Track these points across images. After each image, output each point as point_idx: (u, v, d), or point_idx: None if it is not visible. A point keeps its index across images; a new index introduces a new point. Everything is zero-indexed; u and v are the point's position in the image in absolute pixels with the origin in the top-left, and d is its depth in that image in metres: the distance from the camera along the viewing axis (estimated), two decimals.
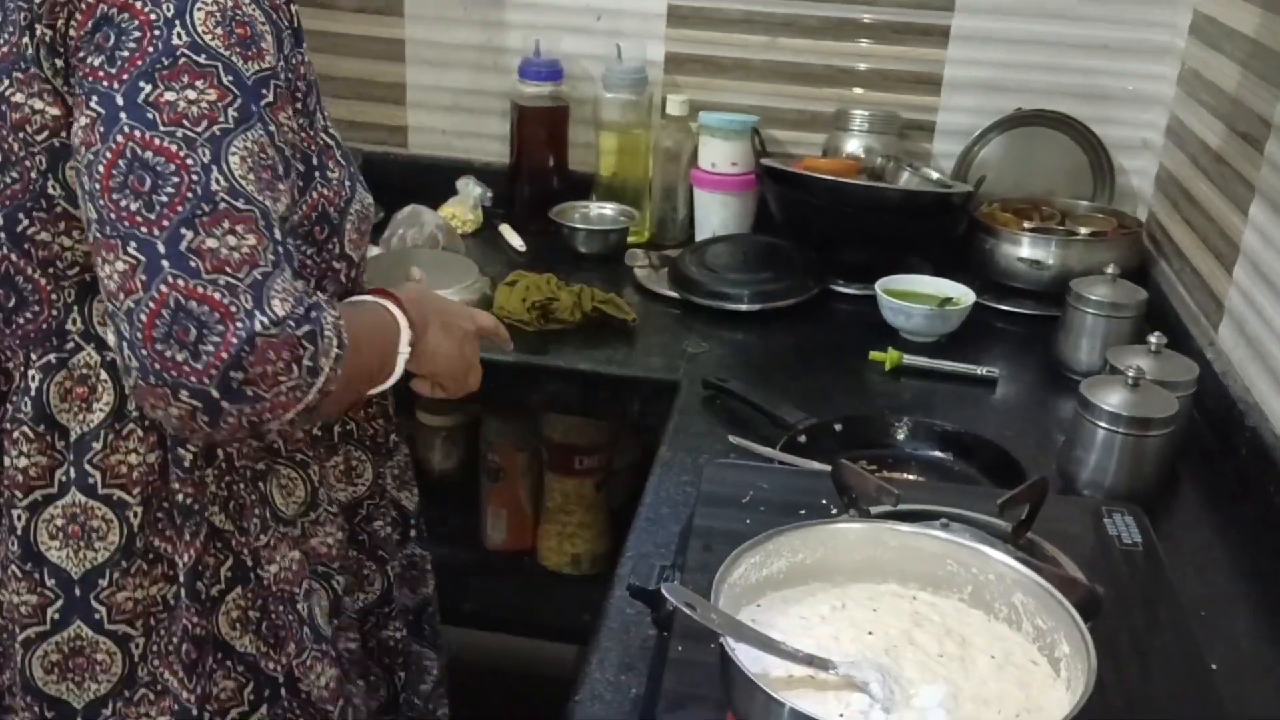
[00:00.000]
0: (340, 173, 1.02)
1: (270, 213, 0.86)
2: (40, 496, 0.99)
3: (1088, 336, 1.52)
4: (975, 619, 0.86)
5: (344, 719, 1.10)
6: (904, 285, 1.69)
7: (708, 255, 1.82)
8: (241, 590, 1.03)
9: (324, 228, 1.01)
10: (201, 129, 0.83)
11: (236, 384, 0.82)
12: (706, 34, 1.99)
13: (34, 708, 1.01)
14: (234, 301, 0.82)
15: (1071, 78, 1.90)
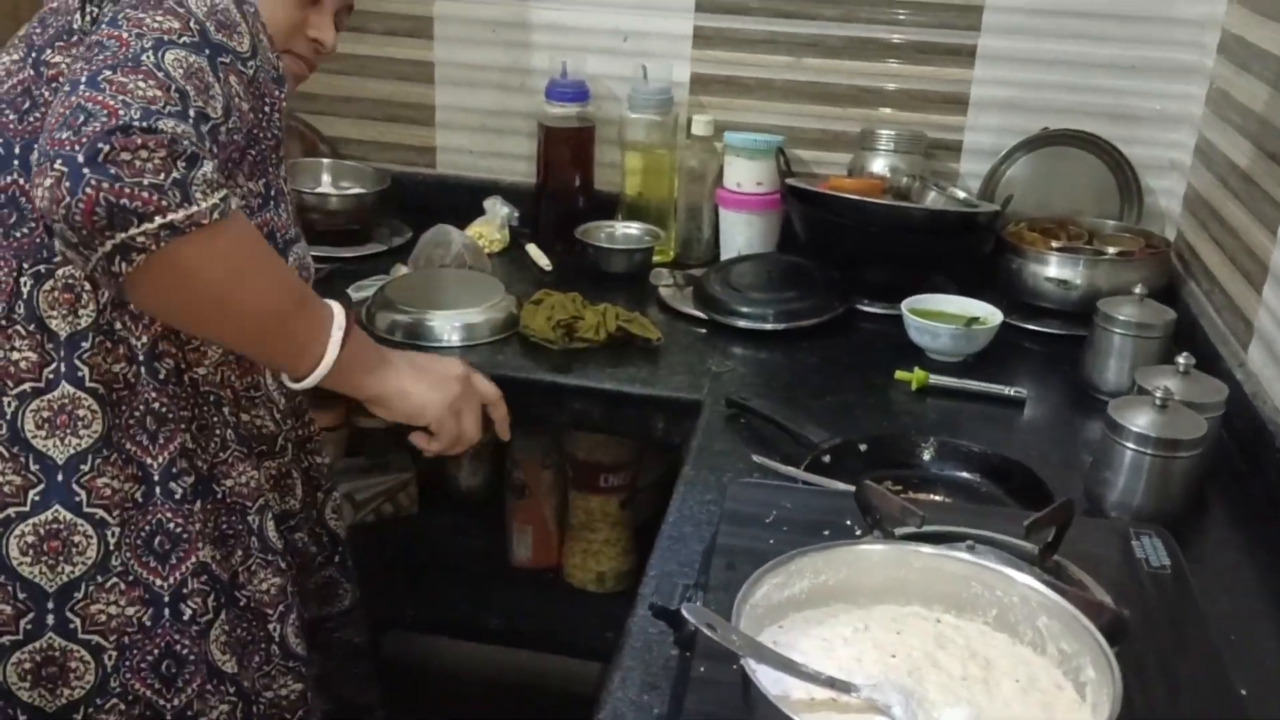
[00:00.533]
0: (289, 217, 1.16)
1: (188, 95, 0.95)
2: (30, 389, 1.05)
3: (1115, 357, 1.51)
4: (1000, 642, 0.85)
5: (282, 622, 1.20)
6: (930, 305, 1.68)
7: (732, 274, 1.82)
8: (203, 503, 1.12)
9: (273, 246, 1.13)
10: (153, 34, 0.97)
11: (100, 156, 0.88)
12: (731, 54, 2.00)
13: (7, 587, 1.04)
14: (124, 106, 0.90)
15: (1099, 97, 1.90)
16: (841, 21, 1.95)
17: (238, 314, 1.02)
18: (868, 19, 1.94)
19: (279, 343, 1.08)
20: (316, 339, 1.08)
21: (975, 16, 1.90)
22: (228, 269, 0.98)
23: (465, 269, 1.82)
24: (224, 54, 1.02)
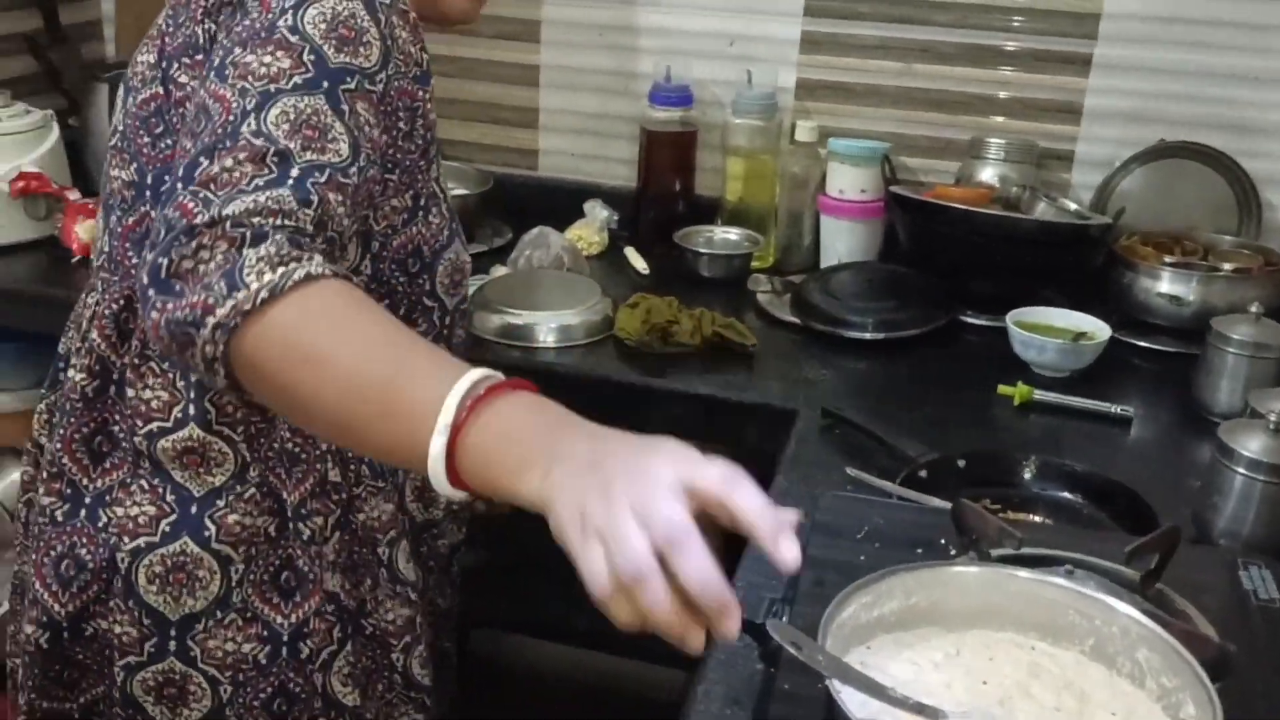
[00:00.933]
0: (441, 222, 1.12)
1: (290, 155, 0.86)
2: (156, 428, 1.07)
3: (1228, 377, 1.46)
4: (1096, 673, 0.83)
5: (408, 653, 1.18)
6: (1037, 318, 1.64)
7: (832, 282, 1.79)
8: (339, 536, 1.11)
9: (416, 261, 1.11)
10: (259, 84, 0.89)
11: (163, 272, 0.81)
12: (839, 60, 1.98)
13: (134, 612, 1.07)
14: (203, 204, 0.83)
15: (1218, 109, 1.83)
16: (953, 27, 1.91)
17: (310, 407, 0.81)
18: (981, 25, 1.90)
19: (368, 438, 0.82)
20: (415, 436, 0.75)
21: (1092, 24, 1.85)
22: (285, 358, 0.79)
23: (563, 271, 1.83)
24: (347, 78, 0.93)
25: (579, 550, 0.68)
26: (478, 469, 0.74)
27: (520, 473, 0.72)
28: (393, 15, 0.99)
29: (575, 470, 0.70)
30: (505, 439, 0.74)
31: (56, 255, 1.79)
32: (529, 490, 0.71)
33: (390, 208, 1.06)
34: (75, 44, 2.20)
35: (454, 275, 1.14)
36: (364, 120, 0.93)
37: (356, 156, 0.91)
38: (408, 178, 1.06)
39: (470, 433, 0.73)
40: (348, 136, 0.90)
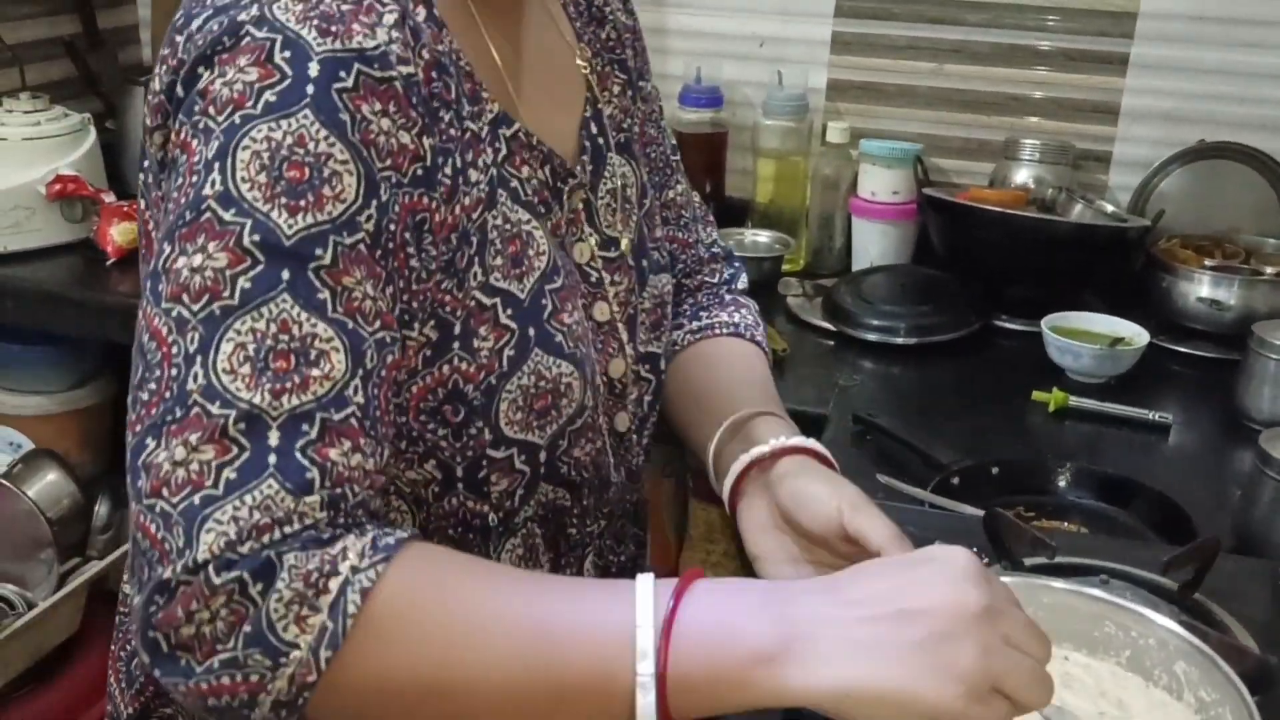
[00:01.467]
0: (502, 339, 0.79)
1: (258, 413, 0.63)
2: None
3: (1271, 384, 1.43)
4: (1133, 684, 0.81)
5: None
6: (1073, 323, 1.61)
7: (864, 285, 1.77)
8: None
9: (458, 408, 0.78)
10: (198, 308, 0.64)
11: (162, 648, 0.61)
12: (871, 60, 1.96)
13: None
14: (167, 536, 0.61)
15: (1260, 109, 1.80)
16: (987, 27, 1.89)
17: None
18: (1015, 24, 1.88)
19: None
20: (608, 696, 0.63)
21: (1129, 23, 1.82)
22: (394, 705, 0.64)
23: None
24: (317, 249, 0.66)
25: (937, 695, 0.60)
26: (696, 695, 0.62)
27: (758, 676, 0.62)
28: (362, 102, 0.67)
29: (860, 632, 0.62)
30: (720, 644, 0.63)
31: (92, 257, 1.80)
32: (788, 681, 0.62)
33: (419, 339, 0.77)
34: (112, 48, 2.22)
35: (534, 403, 0.80)
36: (359, 295, 0.67)
37: (359, 363, 0.66)
38: (423, 304, 0.75)
39: (679, 659, 0.62)
40: (339, 339, 0.65)
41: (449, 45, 0.76)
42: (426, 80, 0.72)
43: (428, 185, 0.72)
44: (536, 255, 0.80)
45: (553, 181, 0.84)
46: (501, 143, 0.79)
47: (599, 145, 0.91)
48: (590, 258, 0.89)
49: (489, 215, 0.77)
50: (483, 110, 0.78)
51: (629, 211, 0.93)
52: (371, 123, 0.68)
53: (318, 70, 0.66)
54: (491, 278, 0.78)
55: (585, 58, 0.94)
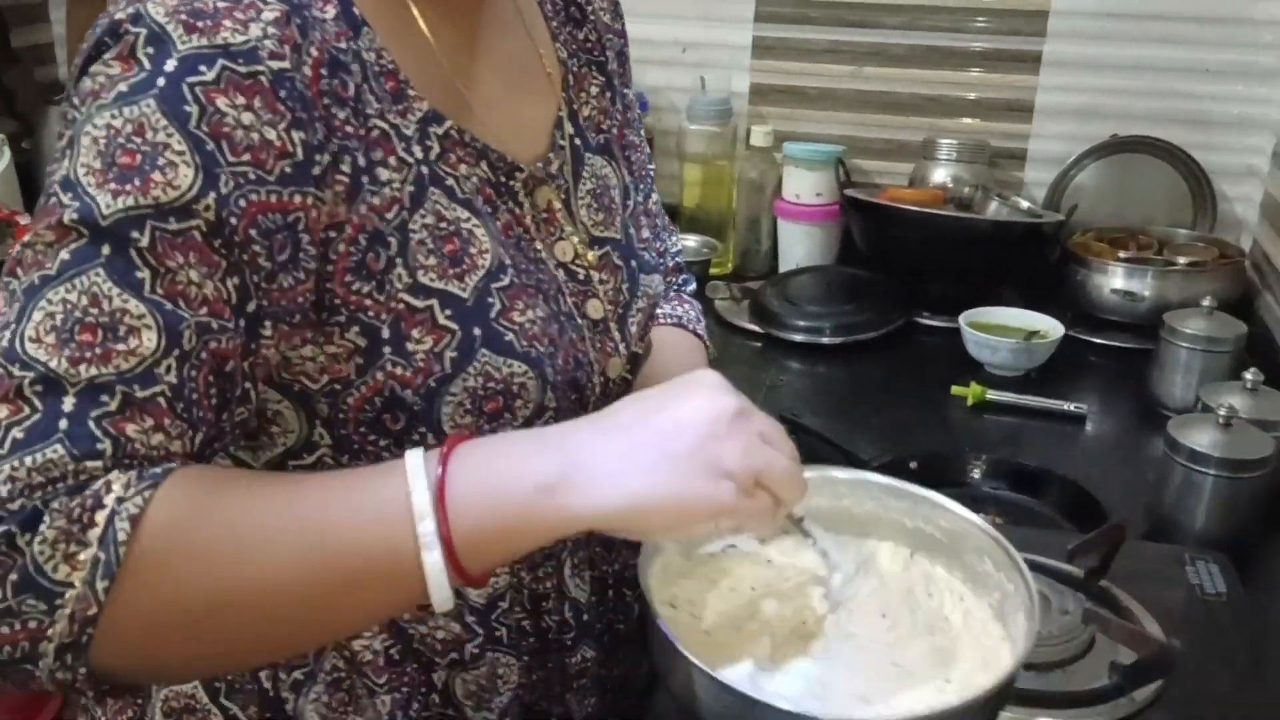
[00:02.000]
0: (438, 343, 0.76)
1: (55, 378, 0.62)
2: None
3: (1183, 372, 1.46)
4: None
5: None
6: (990, 318, 1.64)
7: (789, 287, 1.79)
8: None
9: (398, 415, 0.76)
10: (25, 279, 0.65)
11: None
12: (792, 64, 1.98)
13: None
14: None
15: (1171, 102, 1.84)
16: (904, 29, 1.91)
17: (242, 647, 0.66)
18: (931, 26, 1.90)
19: (339, 619, 0.67)
20: (395, 567, 0.64)
21: (1041, 22, 1.85)
22: (184, 625, 0.63)
23: None
24: (134, 230, 0.64)
25: (710, 493, 0.65)
26: (485, 544, 0.64)
27: (542, 506, 0.64)
28: (219, 96, 0.66)
29: (624, 449, 0.66)
30: (497, 490, 0.65)
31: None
32: (572, 507, 0.64)
33: (326, 356, 0.74)
34: (28, 66, 2.18)
35: (485, 405, 0.78)
36: (184, 279, 0.65)
37: (174, 343, 0.65)
38: (338, 310, 0.73)
39: (458, 512, 0.64)
40: (152, 318, 0.64)
41: (366, 44, 0.75)
42: (315, 77, 0.70)
43: (299, 183, 0.69)
44: (479, 254, 0.78)
45: (494, 178, 0.82)
46: (433, 141, 0.78)
47: (575, 145, 0.91)
48: (575, 256, 0.87)
49: (415, 215, 0.75)
50: (408, 109, 0.76)
51: (613, 211, 0.93)
52: (227, 115, 0.66)
53: (175, 65, 0.66)
54: (423, 279, 0.75)
55: (560, 58, 0.93)
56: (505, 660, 0.86)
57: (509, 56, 0.88)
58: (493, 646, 0.86)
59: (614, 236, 0.91)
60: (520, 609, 0.86)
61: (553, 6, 0.95)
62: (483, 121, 0.82)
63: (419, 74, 0.78)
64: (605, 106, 0.96)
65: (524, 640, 0.87)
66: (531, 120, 0.88)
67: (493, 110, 0.83)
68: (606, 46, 0.98)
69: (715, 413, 0.67)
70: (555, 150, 0.88)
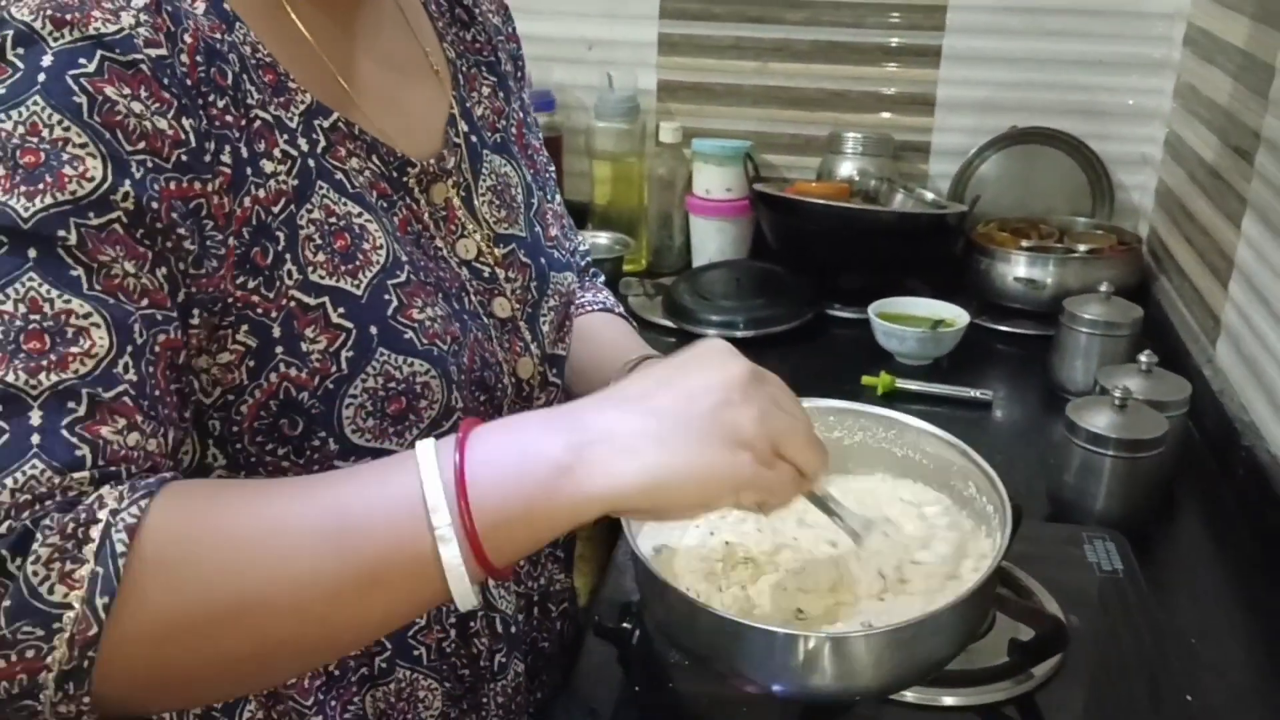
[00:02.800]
0: (333, 341, 0.73)
1: (15, 393, 0.59)
2: None
3: (1082, 356, 1.49)
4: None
5: None
6: (898, 308, 1.66)
7: (701, 282, 1.80)
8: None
9: (295, 420, 0.73)
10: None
11: None
12: (697, 61, 1.99)
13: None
14: None
15: (1067, 94, 1.88)
16: (807, 25, 1.93)
17: (257, 658, 0.62)
18: (833, 22, 1.92)
19: (355, 621, 0.64)
20: (414, 556, 0.62)
21: (939, 16, 1.88)
22: (185, 639, 0.60)
23: None
24: (61, 229, 0.62)
25: (730, 464, 0.63)
26: (510, 532, 0.62)
27: (562, 489, 0.62)
28: (106, 85, 0.64)
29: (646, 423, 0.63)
30: (518, 474, 0.62)
31: None
32: (590, 488, 0.62)
33: (219, 367, 0.71)
34: None
35: (388, 406, 0.75)
36: (119, 272, 0.63)
37: (126, 339, 0.62)
38: (229, 309, 0.70)
39: (481, 501, 0.61)
40: (99, 315, 0.62)
41: (240, 37, 0.73)
42: (192, 65, 0.68)
43: (196, 170, 0.68)
44: (372, 249, 0.76)
45: (386, 172, 0.80)
46: (319, 134, 0.76)
47: (472, 143, 0.90)
48: (478, 254, 0.87)
49: (301, 209, 0.73)
50: (290, 100, 0.75)
51: (515, 209, 0.92)
52: (118, 104, 0.64)
53: (51, 61, 0.63)
54: (313, 275, 0.73)
55: (448, 58, 0.92)
56: (426, 684, 0.84)
57: (391, 52, 0.87)
58: (410, 665, 0.83)
59: (518, 234, 0.91)
60: (440, 627, 0.84)
61: (437, 8, 0.95)
62: (370, 116, 0.81)
63: (298, 69, 0.77)
64: (500, 107, 0.96)
65: (445, 663, 0.85)
66: (422, 117, 0.87)
67: (379, 105, 0.82)
68: (498, 48, 0.98)
69: (728, 379, 0.65)
70: (450, 147, 0.87)
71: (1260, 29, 1.42)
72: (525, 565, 0.92)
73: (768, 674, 0.72)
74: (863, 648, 0.70)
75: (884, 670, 0.71)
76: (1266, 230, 1.32)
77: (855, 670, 0.71)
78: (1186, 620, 1.08)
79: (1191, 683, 0.94)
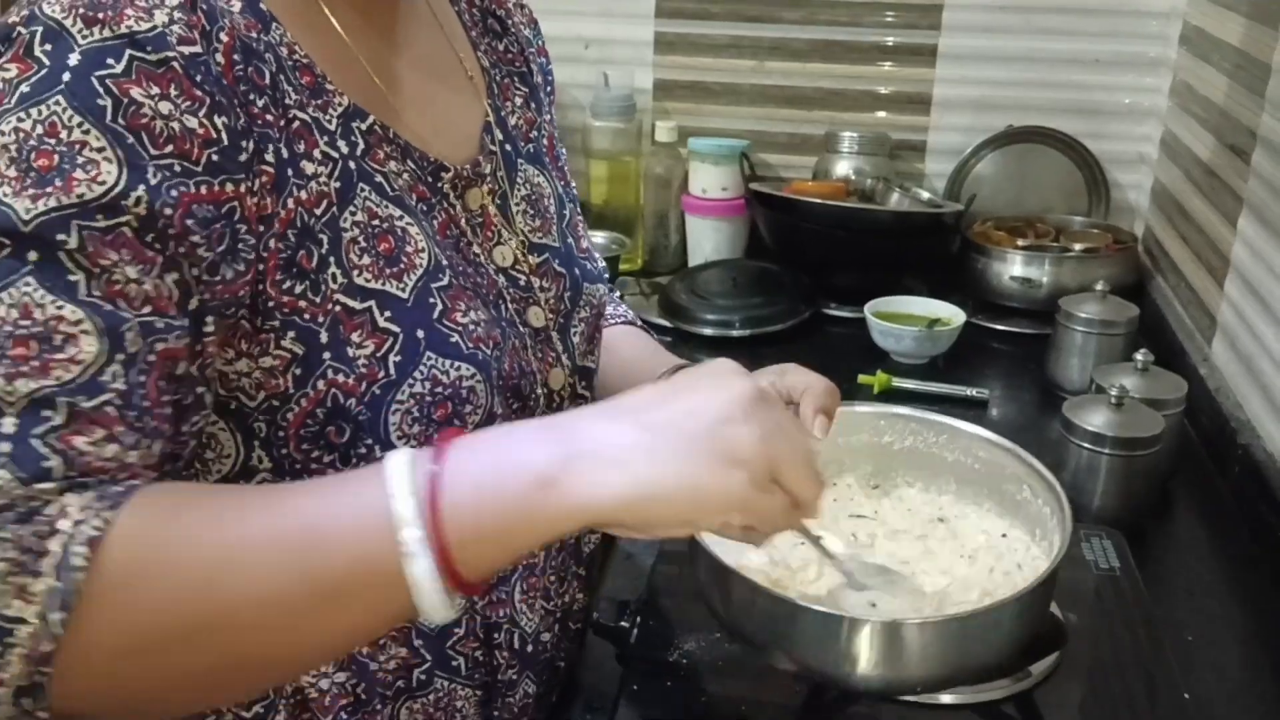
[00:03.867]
0: (380, 346, 0.73)
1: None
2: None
3: (1078, 355, 1.50)
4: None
5: None
6: (894, 307, 1.67)
7: (698, 282, 1.80)
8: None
9: (343, 427, 0.72)
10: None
11: None
12: (694, 60, 1.99)
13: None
14: None
15: (1063, 93, 1.88)
16: (804, 24, 1.93)
17: (221, 674, 0.61)
18: (829, 21, 1.93)
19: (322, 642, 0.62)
20: (383, 576, 0.59)
21: (936, 16, 1.88)
22: (147, 655, 0.58)
23: None
24: (62, 233, 0.61)
25: (722, 484, 0.60)
26: (483, 547, 0.59)
27: (542, 502, 0.59)
28: (133, 87, 0.63)
29: (633, 434, 0.61)
30: (495, 486, 0.60)
31: None
32: (573, 499, 0.59)
33: (262, 371, 0.71)
34: None
35: (433, 412, 0.75)
36: (121, 278, 0.62)
37: (117, 347, 0.61)
38: (271, 316, 0.70)
39: (452, 515, 0.59)
40: (91, 322, 0.61)
41: (277, 38, 0.73)
42: (228, 63, 0.67)
43: (229, 170, 0.66)
44: (415, 252, 0.75)
45: (423, 176, 0.80)
46: (357, 136, 0.75)
47: (507, 151, 0.89)
48: (515, 262, 0.86)
49: (345, 212, 0.73)
50: (328, 103, 0.74)
51: (549, 219, 0.91)
52: (144, 106, 0.63)
53: (78, 60, 0.62)
54: (359, 279, 0.72)
55: (482, 66, 0.92)
56: (463, 692, 0.84)
57: (427, 56, 0.87)
58: (448, 675, 0.83)
59: (552, 244, 0.90)
60: (474, 639, 0.84)
61: (471, 18, 0.94)
62: (406, 120, 0.80)
63: (335, 70, 0.76)
64: (532, 118, 0.95)
65: (477, 672, 0.84)
66: (457, 122, 0.86)
67: (415, 109, 0.82)
68: (530, 60, 0.98)
69: (732, 397, 0.63)
70: (485, 154, 0.86)
71: (1256, 28, 1.42)
72: (554, 579, 0.91)
73: (823, 660, 0.73)
74: (917, 636, 0.71)
75: (932, 664, 0.72)
76: (1262, 229, 1.32)
77: (906, 660, 0.71)
78: (1184, 618, 1.08)
79: (1189, 680, 0.94)
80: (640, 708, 0.84)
